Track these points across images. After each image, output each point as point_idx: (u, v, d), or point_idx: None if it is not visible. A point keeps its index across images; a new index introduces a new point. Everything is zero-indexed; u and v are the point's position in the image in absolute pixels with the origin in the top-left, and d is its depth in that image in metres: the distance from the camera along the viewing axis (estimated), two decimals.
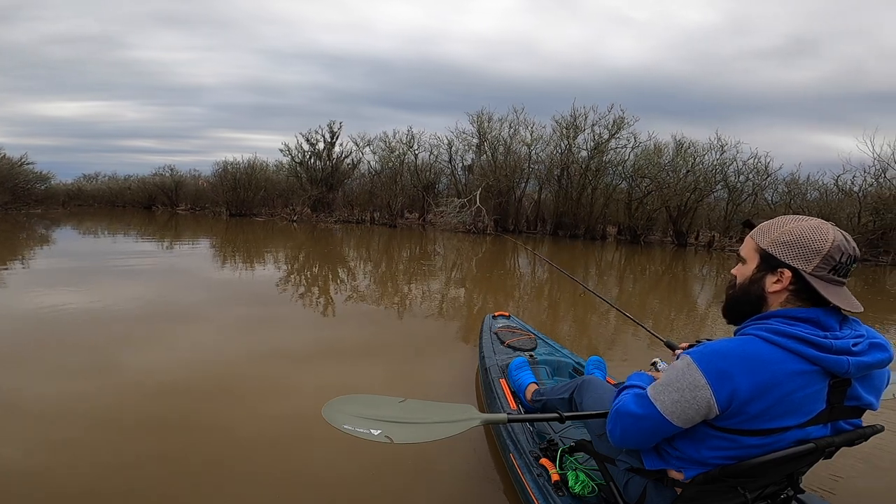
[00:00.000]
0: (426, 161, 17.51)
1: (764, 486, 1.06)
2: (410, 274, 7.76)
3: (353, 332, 4.32)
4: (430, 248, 11.64)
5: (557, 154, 15.83)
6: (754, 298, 1.01)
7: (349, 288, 6.29)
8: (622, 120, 14.91)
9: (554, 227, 16.23)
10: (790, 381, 0.90)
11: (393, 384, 2.98)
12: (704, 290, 8.19)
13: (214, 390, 2.70)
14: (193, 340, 3.60)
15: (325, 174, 17.66)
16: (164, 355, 3.21)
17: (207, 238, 11.90)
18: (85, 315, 4.02)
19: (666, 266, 10.72)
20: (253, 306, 4.92)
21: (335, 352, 3.62)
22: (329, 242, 11.83)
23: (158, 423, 2.26)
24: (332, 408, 1.29)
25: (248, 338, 3.77)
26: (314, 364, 3.28)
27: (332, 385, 2.87)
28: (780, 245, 0.97)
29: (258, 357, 3.29)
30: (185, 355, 3.24)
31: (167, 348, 3.38)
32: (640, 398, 1.03)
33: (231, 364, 3.11)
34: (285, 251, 9.90)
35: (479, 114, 16.21)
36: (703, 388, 0.92)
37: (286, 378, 2.98)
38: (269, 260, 8.60)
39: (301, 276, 7.11)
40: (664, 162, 15.17)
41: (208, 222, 15.66)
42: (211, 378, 2.86)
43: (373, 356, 3.56)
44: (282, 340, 3.78)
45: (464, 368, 3.16)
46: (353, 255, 9.95)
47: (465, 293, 6.38)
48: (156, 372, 2.86)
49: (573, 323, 5.14)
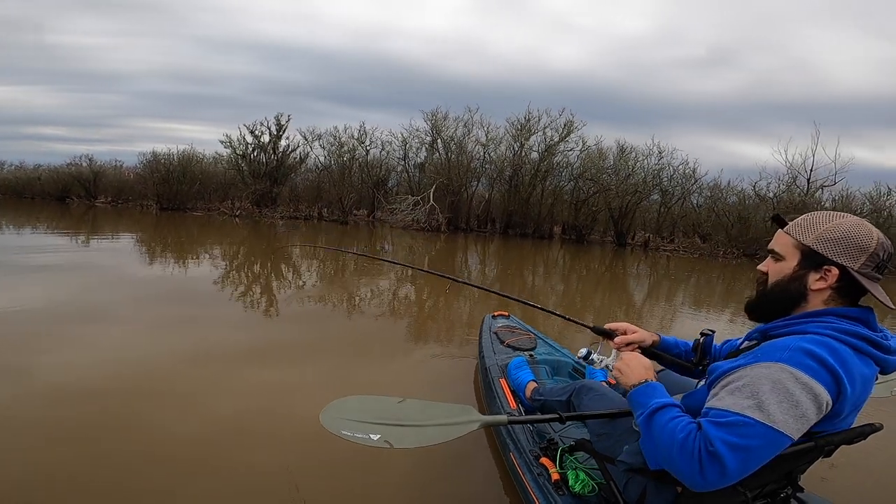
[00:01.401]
0: (377, 157, 17.21)
1: (764, 484, 1.05)
2: (360, 272, 7.55)
3: (299, 329, 4.14)
4: (383, 245, 11.42)
5: (510, 155, 16.15)
6: (795, 296, 0.97)
7: (294, 286, 6.00)
8: (571, 123, 15.50)
9: (504, 227, 16.56)
10: (867, 384, 0.90)
11: (335, 383, 2.91)
12: (641, 286, 8.75)
13: (140, 394, 2.51)
14: (117, 342, 3.31)
15: (270, 168, 16.80)
16: (84, 358, 2.92)
17: (133, 233, 10.87)
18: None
19: (607, 265, 11.28)
20: (187, 305, 4.57)
21: (275, 351, 3.45)
22: (274, 239, 11.25)
23: (78, 428, 2.09)
24: (329, 413, 1.24)
25: (180, 338, 3.53)
26: (250, 364, 3.10)
27: (270, 382, 2.79)
28: (827, 242, 0.93)
29: (190, 357, 3.10)
30: (107, 356, 2.98)
31: (88, 350, 3.08)
32: (734, 426, 0.85)
33: (159, 366, 2.91)
34: (225, 247, 9.27)
35: (433, 112, 16.18)
36: (818, 389, 0.84)
37: (222, 378, 2.83)
38: (206, 257, 7.99)
39: (242, 274, 6.68)
40: (607, 165, 15.95)
41: (135, 216, 14.35)
42: (137, 380, 2.66)
43: (316, 354, 3.47)
44: (217, 340, 3.56)
45: (409, 367, 3.15)
46: (302, 252, 9.53)
47: (414, 291, 6.29)
48: (75, 376, 2.63)
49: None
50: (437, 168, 15.69)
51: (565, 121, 15.50)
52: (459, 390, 2.82)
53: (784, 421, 0.83)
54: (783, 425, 0.83)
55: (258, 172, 16.65)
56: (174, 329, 3.74)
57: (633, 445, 1.20)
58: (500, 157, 16.31)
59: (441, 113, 16.12)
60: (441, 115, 16.12)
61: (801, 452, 0.94)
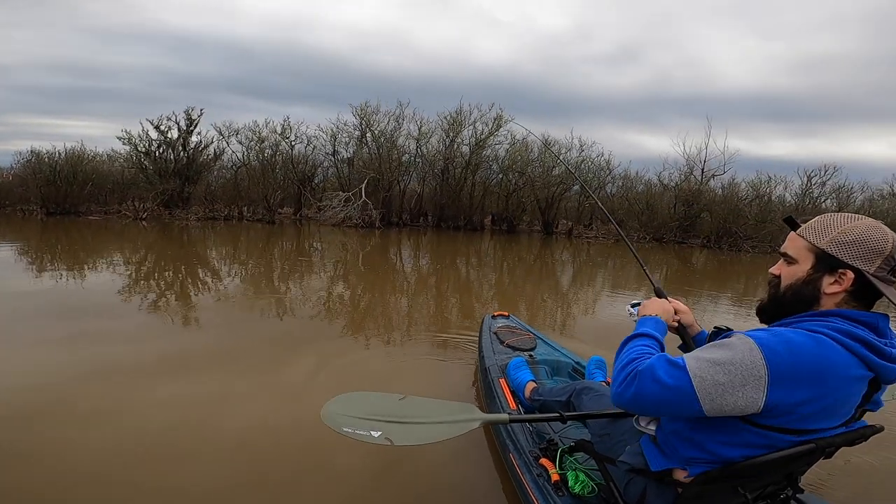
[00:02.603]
0: (302, 153, 16.45)
1: (764, 485, 1.05)
2: (287, 272, 7.22)
3: (229, 334, 3.85)
4: (312, 244, 10.97)
5: (442, 148, 16.25)
6: (808, 299, 0.95)
7: (215, 291, 5.57)
8: (501, 118, 15.94)
9: (437, 220, 16.69)
10: (848, 387, 0.88)
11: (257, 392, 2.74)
12: (567, 272, 9.33)
13: (40, 419, 2.24)
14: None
15: (180, 166, 15.34)
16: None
17: (13, 242, 9.35)
18: None
19: (536, 254, 11.85)
20: (85, 318, 4.04)
21: (190, 361, 3.18)
22: (190, 243, 10.31)
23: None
24: (330, 409, 1.22)
25: (79, 354, 3.14)
26: (157, 377, 2.86)
27: (185, 395, 2.60)
28: (842, 245, 0.92)
29: (88, 374, 2.81)
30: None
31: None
32: (674, 367, 0.91)
33: (55, 387, 2.60)
34: (128, 254, 8.24)
35: (363, 106, 15.77)
36: (756, 381, 0.84)
37: (130, 394, 2.59)
38: (106, 265, 6.98)
39: (153, 282, 6.04)
40: (534, 158, 16.67)
41: (15, 223, 12.36)
42: (32, 406, 2.36)
43: (235, 362, 3.20)
44: (124, 353, 3.21)
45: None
46: (235, 255, 8.85)
47: (348, 290, 6.16)
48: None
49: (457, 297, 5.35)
50: (367, 163, 15.38)
51: (495, 115, 15.93)
52: (459, 391, 2.79)
53: (707, 389, 0.86)
54: (704, 394, 0.86)
55: (165, 171, 15.13)
56: (73, 345, 3.30)
57: (634, 446, 1.19)
58: (432, 151, 16.37)
59: (371, 107, 15.79)
60: (372, 109, 15.78)
61: (801, 453, 0.93)
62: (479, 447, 2.12)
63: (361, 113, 15.74)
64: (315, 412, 1.28)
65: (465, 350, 3.62)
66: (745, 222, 16.02)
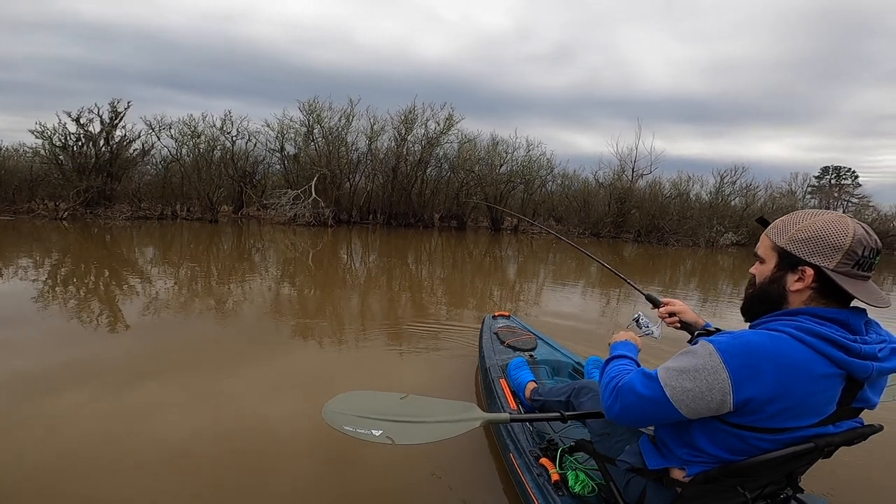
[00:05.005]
0: (243, 149, 15.70)
1: (763, 485, 1.05)
2: (230, 273, 6.94)
3: (160, 341, 3.51)
4: (255, 245, 10.55)
5: (393, 146, 16.22)
6: (775, 298, 0.97)
7: (144, 294, 5.29)
8: (452, 117, 16.16)
9: (387, 217, 16.67)
10: (814, 384, 0.88)
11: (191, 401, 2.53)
12: (513, 266, 9.75)
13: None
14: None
15: (102, 161, 14.05)
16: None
17: None
18: None
19: (485, 250, 12.28)
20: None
21: (107, 370, 2.84)
22: (121, 245, 9.48)
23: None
24: (331, 408, 1.22)
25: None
26: (68, 389, 2.59)
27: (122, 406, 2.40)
28: (798, 242, 0.93)
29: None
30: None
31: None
32: (648, 379, 0.98)
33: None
34: (38, 257, 7.18)
35: (311, 101, 15.27)
36: (721, 384, 0.88)
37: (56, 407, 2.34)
38: (14, 270, 6.02)
39: (72, 287, 5.32)
40: (482, 156, 17.13)
41: None
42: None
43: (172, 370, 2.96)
44: (32, 364, 2.87)
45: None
46: (147, 256, 8.29)
47: (295, 291, 6.09)
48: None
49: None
50: (314, 160, 15.01)
51: (447, 114, 16.14)
52: (459, 391, 2.77)
53: (679, 395, 0.92)
54: (677, 400, 0.92)
55: (85, 167, 13.78)
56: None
57: (634, 446, 1.21)
58: (383, 149, 16.32)
59: (320, 102, 15.36)
60: (324, 105, 15.36)
61: (800, 453, 0.92)
62: (478, 447, 2.12)
63: (310, 108, 15.30)
64: (256, 418, 1.21)
65: (421, 340, 3.69)
66: (670, 218, 17.67)
